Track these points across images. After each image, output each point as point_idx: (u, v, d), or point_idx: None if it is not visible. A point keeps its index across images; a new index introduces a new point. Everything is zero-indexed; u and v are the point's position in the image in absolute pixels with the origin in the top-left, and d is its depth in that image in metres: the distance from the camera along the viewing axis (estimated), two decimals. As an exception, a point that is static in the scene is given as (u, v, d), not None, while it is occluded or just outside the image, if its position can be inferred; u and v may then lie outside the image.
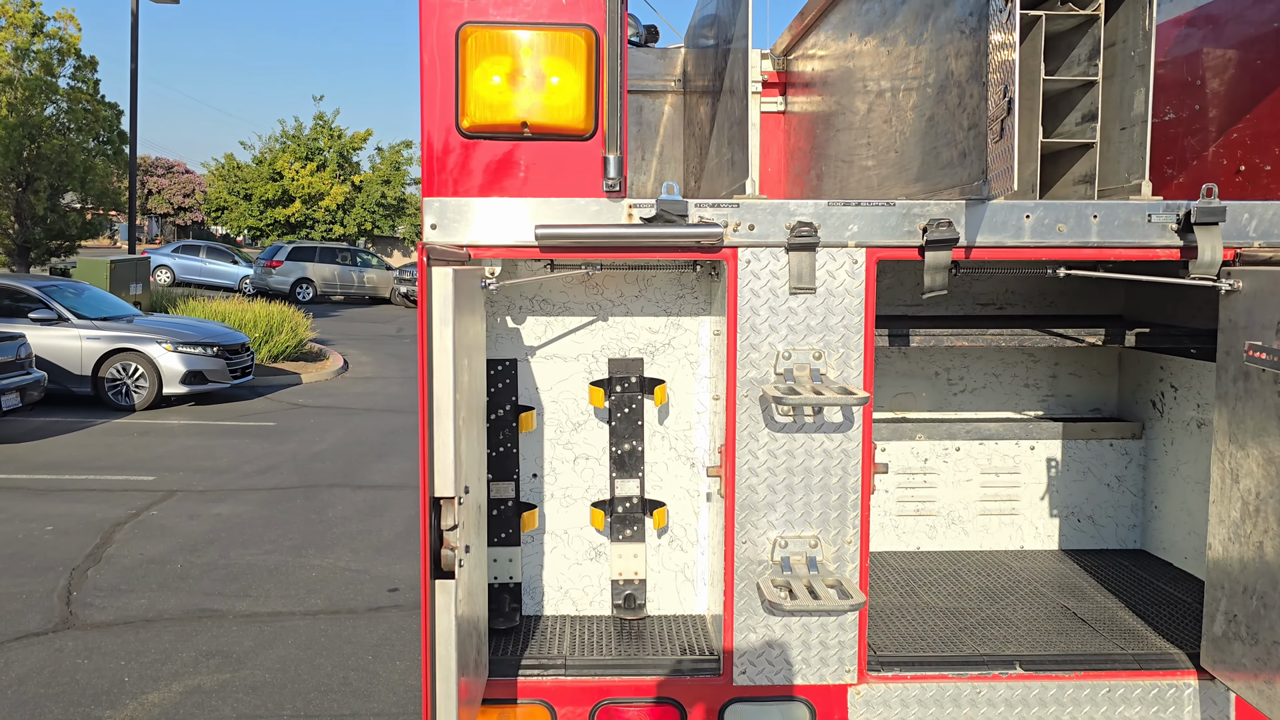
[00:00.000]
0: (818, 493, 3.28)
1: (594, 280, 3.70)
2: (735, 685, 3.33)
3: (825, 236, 3.21)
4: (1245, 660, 3.12)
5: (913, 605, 3.94)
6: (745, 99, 3.42)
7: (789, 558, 3.28)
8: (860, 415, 3.27)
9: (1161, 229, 3.24)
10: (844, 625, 3.31)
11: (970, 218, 3.21)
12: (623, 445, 3.74)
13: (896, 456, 4.67)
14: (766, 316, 3.23)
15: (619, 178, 3.12)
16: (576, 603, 3.80)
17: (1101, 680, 3.38)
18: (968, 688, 3.37)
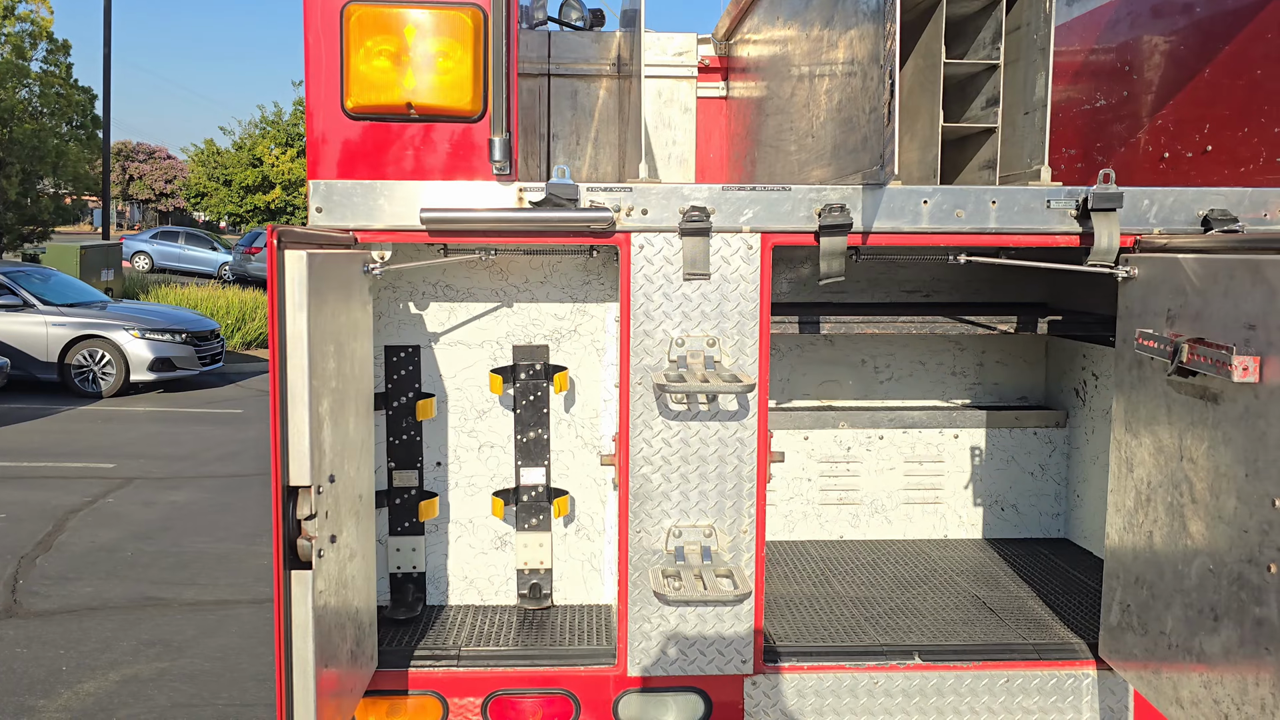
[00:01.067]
0: (713, 481, 3.24)
1: (498, 266, 3.64)
2: (630, 676, 3.29)
3: (720, 222, 3.16)
4: (1136, 650, 3.10)
5: (824, 595, 3.91)
6: (639, 83, 3.36)
7: (683, 547, 3.24)
8: (755, 403, 3.22)
9: (1061, 215, 3.20)
10: (739, 616, 3.28)
11: (867, 203, 3.16)
12: (528, 433, 3.69)
13: (819, 445, 4.64)
14: (660, 303, 3.18)
15: (507, 160, 3.05)
16: (482, 592, 3.75)
17: (1000, 670, 3.36)
18: (865, 678, 3.34)
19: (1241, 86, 3.90)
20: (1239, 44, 3.94)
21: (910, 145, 3.61)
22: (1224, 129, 3.99)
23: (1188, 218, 3.23)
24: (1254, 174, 3.81)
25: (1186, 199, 3.22)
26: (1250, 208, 3.25)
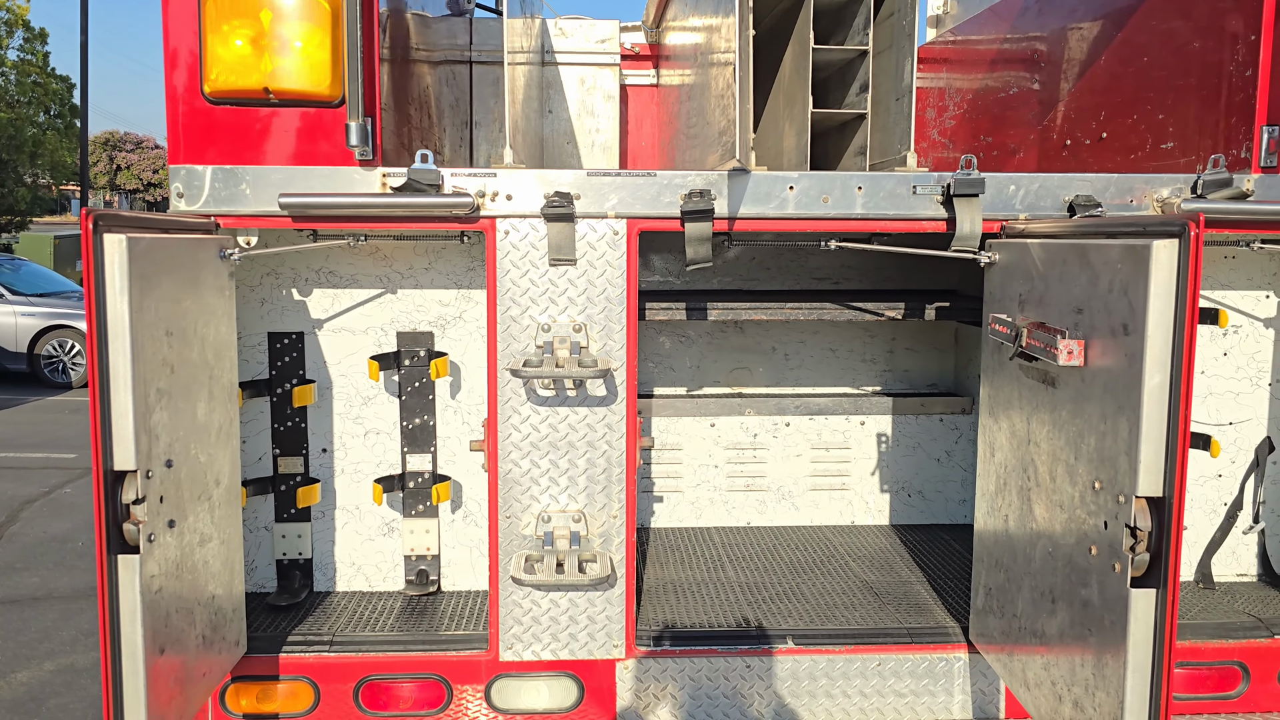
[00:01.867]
0: (581, 467, 3.25)
1: (382, 252, 3.63)
2: (502, 661, 3.30)
3: (585, 207, 3.16)
4: (996, 633, 3.12)
5: (715, 580, 3.92)
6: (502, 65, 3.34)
7: (553, 532, 3.25)
8: (623, 389, 3.23)
9: (927, 201, 3.21)
10: (610, 600, 3.29)
11: (733, 189, 3.17)
12: (414, 420, 3.69)
13: (726, 432, 4.65)
14: (527, 288, 3.18)
15: (367, 145, 3.05)
16: (369, 578, 3.76)
17: (872, 654, 3.38)
18: (738, 662, 3.36)
19: (1131, 74, 3.92)
20: (1129, 32, 3.95)
21: (789, 131, 3.62)
22: (1117, 116, 4.00)
23: (1054, 203, 3.24)
24: (1142, 160, 3.82)
25: (1052, 185, 3.23)
26: (1117, 194, 3.26)
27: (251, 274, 3.58)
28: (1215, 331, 3.82)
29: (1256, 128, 3.24)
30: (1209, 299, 3.80)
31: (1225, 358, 3.83)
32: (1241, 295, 3.81)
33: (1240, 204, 3.17)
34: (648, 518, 4.66)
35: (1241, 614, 3.55)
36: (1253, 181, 3.25)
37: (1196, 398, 3.84)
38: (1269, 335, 3.83)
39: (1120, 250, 2.31)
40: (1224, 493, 3.89)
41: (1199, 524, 3.90)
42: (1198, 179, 3.22)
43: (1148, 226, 2.28)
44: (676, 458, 4.64)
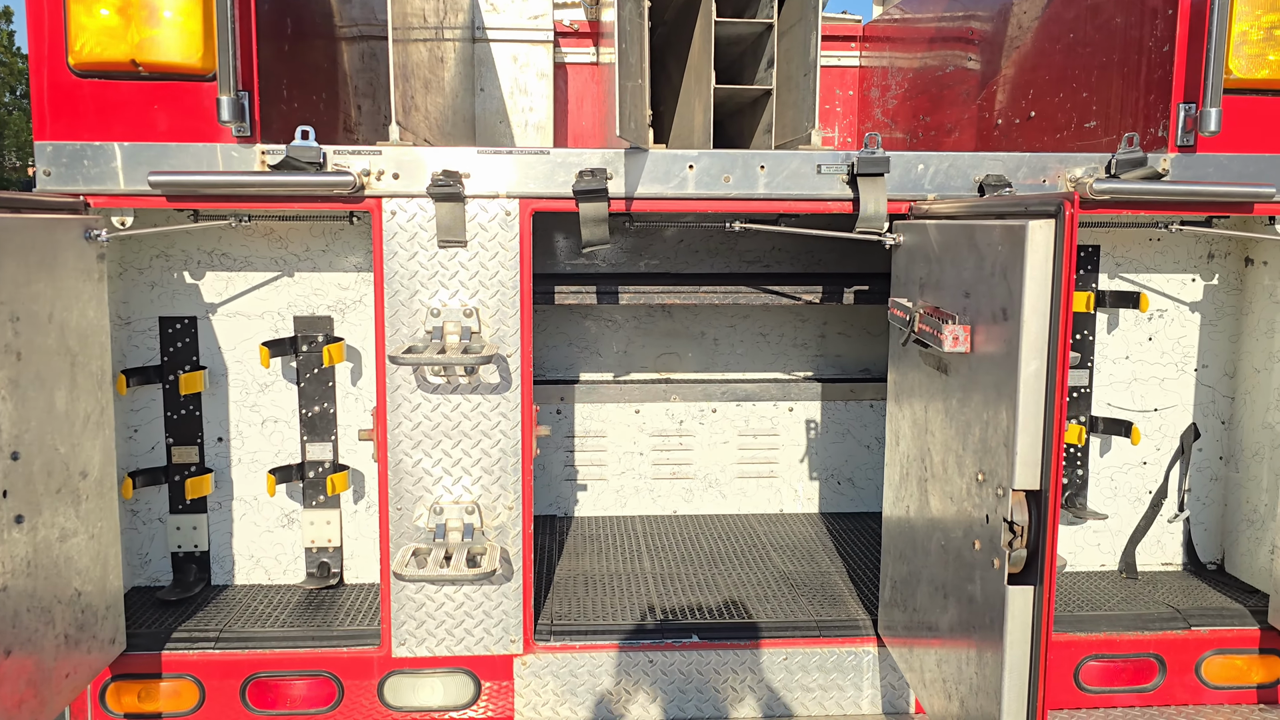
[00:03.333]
0: (475, 457, 3.13)
1: (277, 233, 3.49)
2: (395, 657, 3.19)
3: (476, 187, 3.03)
4: (899, 627, 3.03)
5: (629, 571, 3.82)
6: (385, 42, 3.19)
7: (445, 525, 3.14)
8: (518, 375, 3.11)
9: (833, 181, 3.09)
10: (507, 594, 3.18)
11: (630, 168, 3.04)
12: (313, 408, 3.56)
13: (651, 418, 4.54)
14: (415, 271, 3.05)
15: (242, 121, 2.90)
16: (269, 571, 3.64)
17: (779, 648, 3.28)
18: (641, 657, 3.26)
19: (1058, 51, 3.80)
20: (1056, 8, 3.84)
21: (698, 109, 3.49)
22: (1044, 95, 3.90)
23: (965, 183, 3.13)
24: (1068, 139, 3.72)
25: (963, 164, 3.12)
26: (1030, 173, 3.16)
27: (139, 256, 3.43)
28: (1139, 316, 3.73)
29: (1173, 105, 3.14)
30: (1132, 282, 3.71)
31: (1150, 343, 3.74)
32: (1167, 279, 3.72)
33: (1153, 184, 3.07)
34: (571, 506, 4.55)
35: (1161, 605, 3.48)
36: (1169, 161, 3.15)
37: (1120, 384, 3.75)
38: (1195, 320, 3.74)
39: (1000, 231, 2.20)
40: (1149, 481, 3.81)
41: (1123, 513, 3.82)
42: (1112, 158, 3.12)
43: (1029, 207, 2.18)
44: (600, 445, 4.53)
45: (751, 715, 3.29)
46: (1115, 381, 3.75)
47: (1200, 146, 3.16)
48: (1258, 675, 3.40)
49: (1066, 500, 3.76)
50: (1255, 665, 3.40)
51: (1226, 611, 3.43)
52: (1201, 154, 3.16)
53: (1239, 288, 3.73)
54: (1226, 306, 3.73)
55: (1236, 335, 3.74)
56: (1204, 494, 3.82)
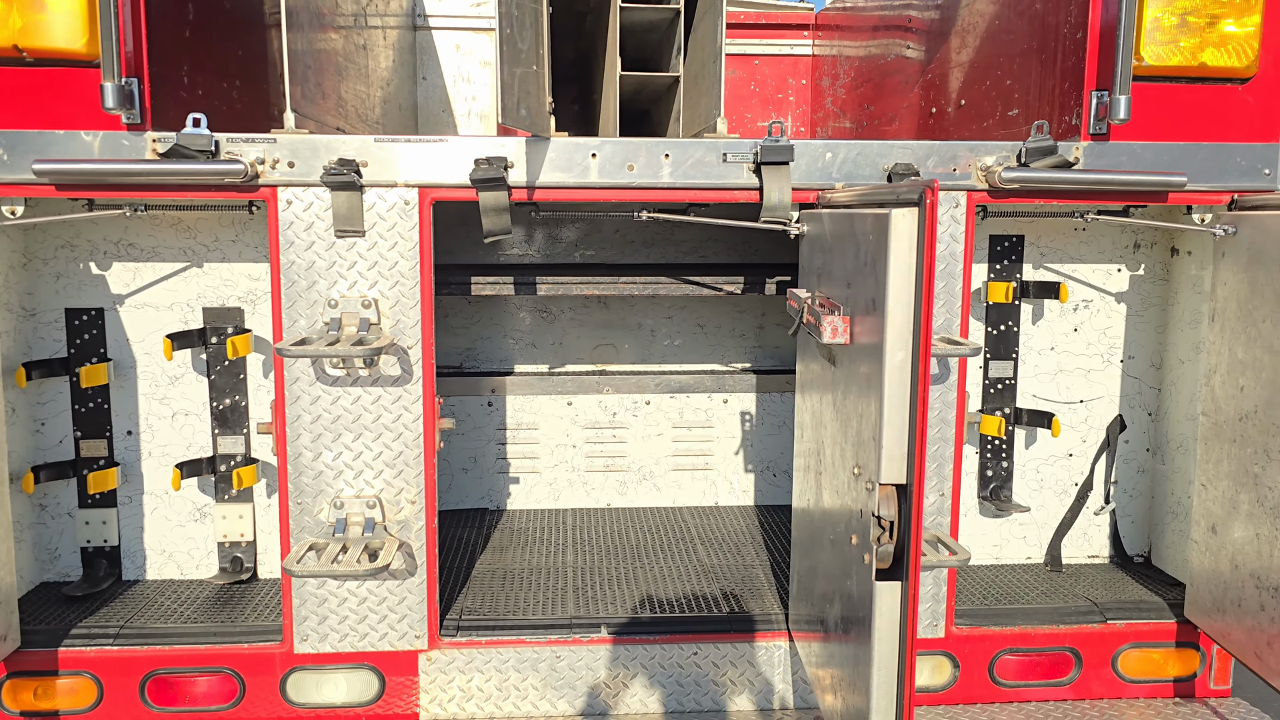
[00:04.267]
0: (376, 451, 3.08)
1: (185, 223, 3.43)
2: (296, 653, 3.15)
3: (374, 175, 2.97)
4: (803, 621, 2.99)
5: (550, 565, 3.78)
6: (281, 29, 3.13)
7: (346, 519, 3.09)
8: (419, 367, 3.06)
9: (739, 169, 3.04)
10: (410, 589, 3.14)
11: (531, 156, 2.99)
12: (224, 400, 3.50)
13: (584, 410, 4.49)
14: (313, 261, 3.00)
15: (129, 108, 2.84)
16: (181, 566, 3.59)
17: (688, 643, 3.25)
18: (547, 651, 3.22)
19: (986, 39, 3.75)
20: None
21: (609, 96, 3.44)
22: (973, 83, 3.85)
23: (874, 172, 3.08)
24: (993, 128, 3.67)
25: (872, 152, 3.08)
26: (940, 162, 3.11)
27: (43, 246, 3.37)
28: (1064, 307, 3.69)
29: (1085, 93, 3.09)
30: (1057, 273, 3.67)
31: (1075, 334, 3.70)
32: (1092, 269, 3.68)
33: (1062, 173, 3.03)
34: (503, 499, 4.50)
35: (1079, 598, 3.44)
36: (1081, 149, 3.11)
37: (1045, 375, 3.72)
38: (1121, 311, 3.70)
39: (871, 220, 2.15)
40: (1075, 473, 3.77)
41: (1049, 505, 3.79)
42: (1022, 147, 3.07)
43: (899, 195, 2.13)
44: (533, 437, 4.48)
45: (660, 710, 3.26)
46: (1040, 373, 3.72)
47: (1114, 135, 3.12)
48: (1174, 669, 3.38)
49: (991, 493, 3.72)
50: (1172, 659, 3.37)
51: (1144, 605, 3.40)
52: (1114, 142, 3.11)
53: (1165, 278, 3.69)
54: (1153, 297, 3.70)
55: (1163, 326, 3.71)
56: (1131, 486, 3.78)
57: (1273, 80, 3.12)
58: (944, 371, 3.16)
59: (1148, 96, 3.12)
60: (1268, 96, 3.13)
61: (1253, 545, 2.95)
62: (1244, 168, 3.14)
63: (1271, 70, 3.11)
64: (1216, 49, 3.05)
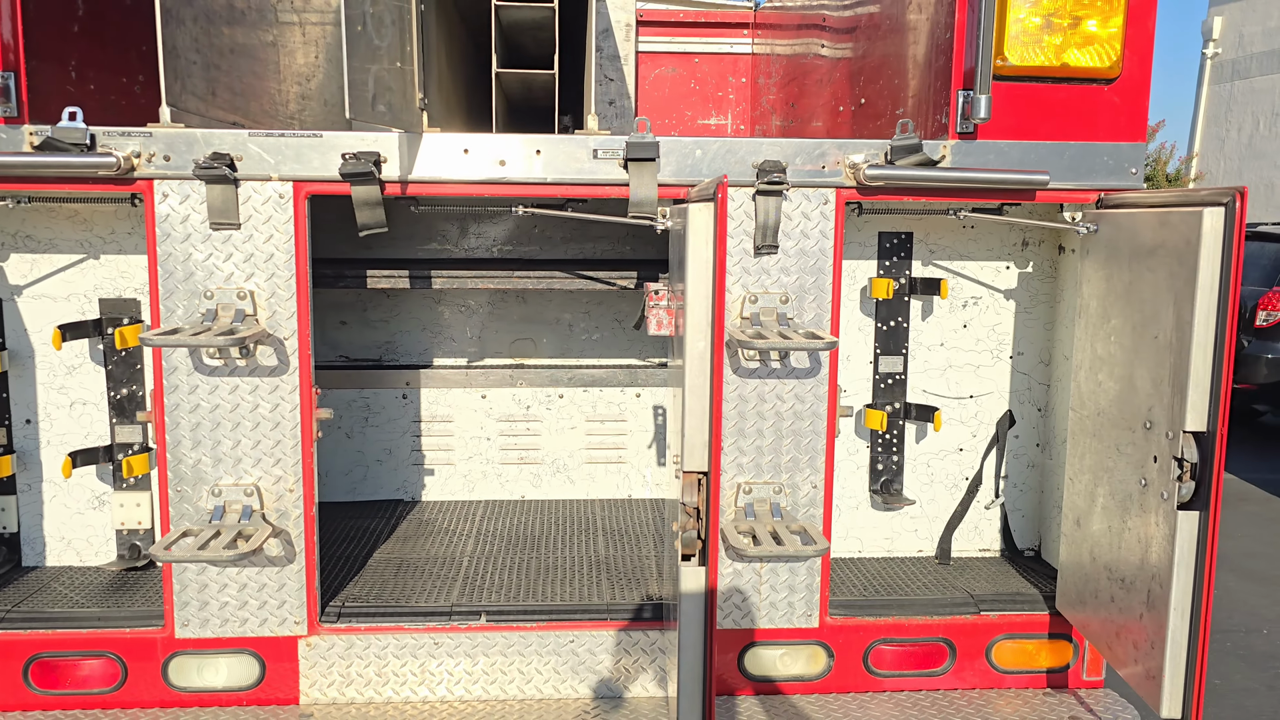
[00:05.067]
0: (253, 439, 3.14)
1: (81, 216, 3.49)
2: (178, 638, 3.21)
3: (249, 169, 3.03)
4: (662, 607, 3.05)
5: (446, 555, 3.84)
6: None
7: (224, 507, 3.15)
8: (295, 358, 3.12)
9: (610, 166, 3.09)
10: (288, 576, 3.20)
11: (404, 152, 3.05)
12: (121, 389, 3.57)
13: (498, 404, 4.55)
14: (190, 253, 3.06)
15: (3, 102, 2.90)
16: (80, 553, 3.65)
17: (567, 631, 3.31)
18: (426, 639, 3.28)
19: (881, 38, 3.81)
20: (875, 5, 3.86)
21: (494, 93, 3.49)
22: (871, 82, 3.90)
23: (744, 169, 3.14)
24: (885, 126, 3.72)
25: (741, 150, 3.13)
26: (809, 159, 3.16)
27: None
28: (954, 303, 3.74)
29: (952, 93, 3.15)
30: (946, 270, 3.72)
31: (965, 330, 3.76)
32: (981, 266, 3.73)
33: (926, 170, 3.08)
34: (418, 491, 4.57)
35: (957, 590, 3.50)
36: (948, 147, 3.16)
37: (935, 370, 3.77)
38: (1010, 307, 3.76)
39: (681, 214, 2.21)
40: (965, 468, 3.83)
41: (940, 499, 3.84)
42: (888, 145, 3.13)
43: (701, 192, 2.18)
44: (447, 430, 4.54)
45: (537, 696, 3.32)
46: (930, 369, 3.77)
47: (983, 134, 3.17)
48: (1047, 660, 3.44)
49: (881, 486, 3.78)
50: (1044, 650, 3.43)
51: (1020, 597, 3.46)
52: (981, 141, 3.17)
53: (1054, 275, 3.74)
54: (1041, 294, 3.75)
55: (1051, 323, 3.76)
56: (1021, 481, 3.84)
57: (1138, 81, 3.17)
58: (814, 365, 3.21)
59: (1015, 96, 3.18)
60: (1133, 97, 3.18)
61: (1106, 538, 3.01)
62: (1111, 166, 3.20)
63: (1136, 71, 3.16)
64: (1079, 50, 3.10)
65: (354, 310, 4.57)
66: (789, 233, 3.16)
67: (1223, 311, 2.45)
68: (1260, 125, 28.90)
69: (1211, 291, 2.49)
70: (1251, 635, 6.58)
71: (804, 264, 3.18)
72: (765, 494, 3.25)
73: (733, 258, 3.17)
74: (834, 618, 3.34)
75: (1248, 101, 29.33)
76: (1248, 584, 7.54)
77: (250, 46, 3.79)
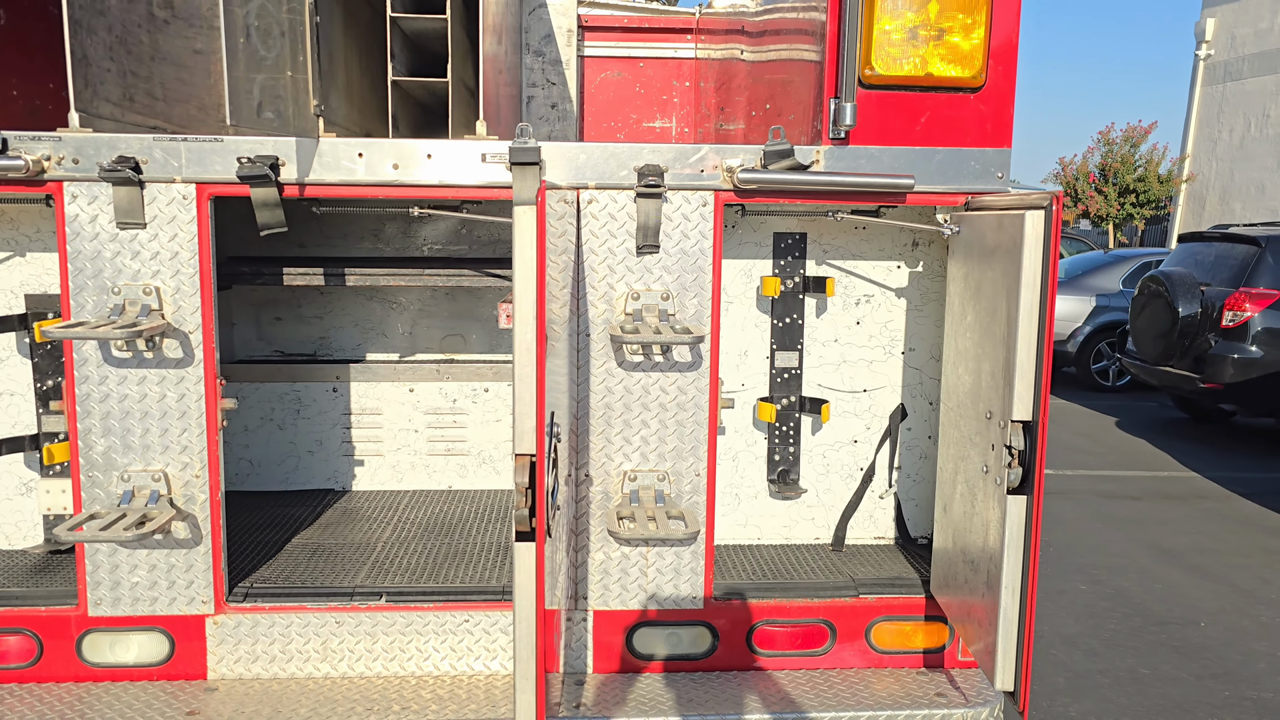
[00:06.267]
0: (160, 428, 3.31)
1: (8, 215, 3.67)
2: (91, 616, 3.38)
3: (154, 172, 3.21)
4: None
5: (362, 542, 4.00)
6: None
7: (133, 490, 3.32)
8: (200, 351, 3.29)
9: (499, 169, 3.26)
10: (196, 557, 3.37)
11: (301, 155, 3.21)
12: (47, 381, 3.74)
13: (425, 397, 4.72)
14: (98, 251, 3.23)
15: (-81, 108, 3.08)
16: (9, 537, 3.83)
17: (460, 611, 3.47)
18: (329, 618, 3.45)
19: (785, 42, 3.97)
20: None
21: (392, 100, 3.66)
22: (775, 88, 4.07)
23: (627, 172, 3.30)
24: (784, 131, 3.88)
25: (623, 154, 3.30)
26: (688, 164, 3.32)
27: None
28: (848, 301, 3.90)
29: (825, 100, 3.31)
30: (839, 269, 3.88)
31: (858, 326, 3.92)
32: (873, 265, 3.89)
33: (796, 174, 3.24)
34: (348, 481, 4.74)
35: (841, 574, 3.66)
36: (821, 153, 3.32)
37: (830, 365, 3.93)
38: (901, 305, 3.92)
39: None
40: (860, 459, 3.99)
41: (836, 489, 4.00)
42: (762, 150, 3.29)
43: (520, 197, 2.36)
44: (376, 422, 4.71)
45: (435, 673, 3.49)
46: (825, 363, 3.93)
47: (856, 140, 3.34)
48: (923, 641, 3.60)
49: (779, 476, 3.94)
50: (920, 631, 3.59)
51: (900, 580, 3.62)
52: (852, 146, 3.33)
53: (943, 275, 3.90)
54: (931, 293, 3.91)
55: (941, 320, 3.92)
56: (915, 472, 4.00)
57: (1003, 90, 3.33)
58: (695, 359, 3.38)
59: (886, 104, 3.34)
60: (998, 105, 3.34)
61: (963, 523, 3.17)
62: (978, 171, 3.36)
63: (1001, 81, 3.32)
64: (944, 60, 3.26)
65: (289, 306, 4.75)
66: (669, 233, 3.33)
67: (1044, 307, 2.61)
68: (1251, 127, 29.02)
69: (1034, 289, 2.65)
70: (1188, 627, 6.75)
71: (684, 263, 3.35)
72: (650, 481, 3.42)
73: (615, 257, 3.34)
74: (718, 600, 3.51)
75: (1239, 103, 29.45)
76: (1193, 578, 7.70)
77: (175, 53, 3.96)
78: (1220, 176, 29.64)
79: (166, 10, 3.84)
